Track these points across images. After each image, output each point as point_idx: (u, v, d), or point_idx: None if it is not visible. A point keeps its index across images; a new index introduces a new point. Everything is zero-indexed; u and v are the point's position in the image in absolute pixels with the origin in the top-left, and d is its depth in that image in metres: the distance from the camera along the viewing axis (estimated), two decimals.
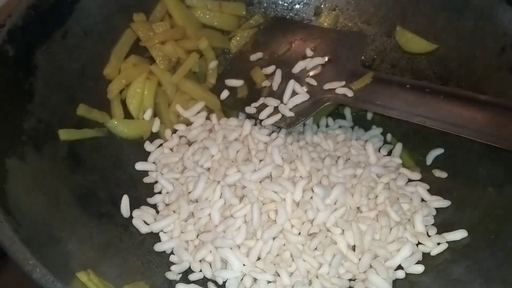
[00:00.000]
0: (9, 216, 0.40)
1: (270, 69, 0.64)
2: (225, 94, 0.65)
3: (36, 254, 0.38)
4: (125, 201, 0.55)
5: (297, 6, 0.71)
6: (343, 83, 0.59)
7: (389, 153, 0.62)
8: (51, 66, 0.55)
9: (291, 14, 0.71)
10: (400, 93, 0.55)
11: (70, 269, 0.40)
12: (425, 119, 0.52)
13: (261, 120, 0.61)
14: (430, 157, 0.60)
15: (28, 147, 0.49)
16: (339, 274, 0.50)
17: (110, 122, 0.60)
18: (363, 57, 0.67)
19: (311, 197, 0.52)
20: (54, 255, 0.40)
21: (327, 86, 0.60)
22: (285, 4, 0.71)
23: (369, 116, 0.65)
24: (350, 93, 0.58)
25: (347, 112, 0.66)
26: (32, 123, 0.51)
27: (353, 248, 0.52)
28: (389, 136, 0.64)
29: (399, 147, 0.61)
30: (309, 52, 0.64)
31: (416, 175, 0.59)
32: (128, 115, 0.62)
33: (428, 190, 0.57)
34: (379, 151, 0.62)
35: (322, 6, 0.70)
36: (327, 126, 0.65)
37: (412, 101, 0.54)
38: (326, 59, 0.63)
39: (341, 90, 0.58)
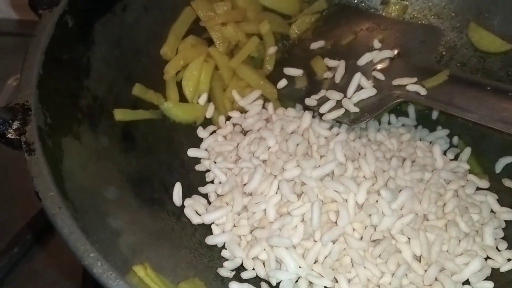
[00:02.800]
0: (67, 201, 0.37)
1: (333, 61, 0.60)
2: (282, 83, 0.62)
3: (95, 244, 0.35)
4: (177, 189, 0.53)
5: None
6: (415, 79, 0.55)
7: (456, 158, 0.58)
8: (109, 41, 0.53)
9: (356, 1, 0.67)
10: (480, 95, 0.51)
11: (127, 261, 0.38)
12: (509, 125, 0.48)
13: (320, 114, 0.57)
14: (500, 165, 0.56)
15: (83, 126, 0.47)
16: (402, 286, 0.47)
17: (165, 104, 0.57)
18: None
19: (376, 200, 0.49)
20: (110, 244, 0.38)
21: (396, 82, 0.56)
22: None
23: (434, 115, 0.61)
24: (423, 91, 0.54)
25: (411, 110, 0.62)
26: (88, 101, 0.49)
27: (419, 258, 0.48)
28: (455, 139, 0.60)
29: (467, 151, 0.57)
30: (376, 44, 0.60)
31: (484, 183, 0.55)
32: (182, 98, 0.59)
33: (497, 200, 0.53)
34: (444, 154, 0.58)
35: None
36: (389, 123, 0.61)
37: (493, 104, 0.50)
38: (396, 52, 0.59)
39: (413, 87, 0.54)
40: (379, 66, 0.59)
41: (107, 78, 0.52)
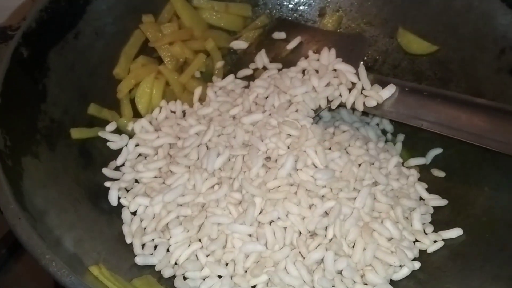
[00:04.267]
0: (25, 212, 0.42)
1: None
2: None
3: (52, 248, 0.40)
4: None
5: (301, 7, 0.72)
6: None
7: None
8: (63, 67, 0.58)
9: (295, 15, 0.73)
10: (399, 95, 0.57)
11: (83, 263, 0.43)
12: (422, 121, 0.54)
13: None
14: (429, 157, 0.62)
15: (42, 146, 0.51)
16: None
17: (119, 120, 0.62)
18: (365, 58, 0.69)
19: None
20: (67, 249, 0.43)
21: None
22: (290, 6, 0.73)
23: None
24: None
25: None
26: (46, 123, 0.54)
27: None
28: (389, 135, 0.65)
29: (399, 146, 0.63)
30: (311, 54, 0.66)
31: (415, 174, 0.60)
32: (136, 114, 0.64)
33: (426, 189, 0.58)
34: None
35: (326, 7, 0.72)
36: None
37: (410, 103, 0.56)
38: None
39: None
40: None
41: (63, 100, 0.56)
